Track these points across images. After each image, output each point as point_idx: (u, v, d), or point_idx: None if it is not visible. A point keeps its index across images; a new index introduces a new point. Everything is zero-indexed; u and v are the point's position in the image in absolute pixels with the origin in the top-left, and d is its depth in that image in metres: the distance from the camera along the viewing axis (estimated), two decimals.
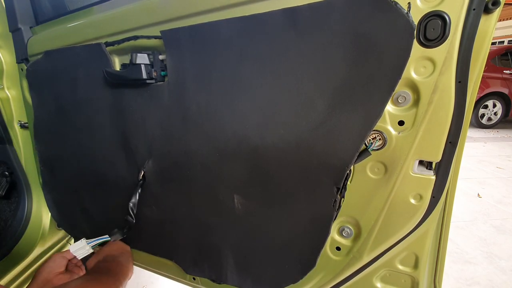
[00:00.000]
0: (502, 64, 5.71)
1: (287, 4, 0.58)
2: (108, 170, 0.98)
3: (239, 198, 0.77)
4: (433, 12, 0.49)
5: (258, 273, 0.83)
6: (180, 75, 0.74)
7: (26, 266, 1.20)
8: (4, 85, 1.12)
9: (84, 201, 1.10)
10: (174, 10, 0.71)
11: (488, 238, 2.18)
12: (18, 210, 1.22)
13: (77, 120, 0.98)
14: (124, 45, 0.80)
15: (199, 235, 0.88)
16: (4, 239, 1.17)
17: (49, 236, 1.28)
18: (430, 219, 0.63)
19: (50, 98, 1.01)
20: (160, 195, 0.90)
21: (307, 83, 0.60)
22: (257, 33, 0.62)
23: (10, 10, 1.04)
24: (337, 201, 0.65)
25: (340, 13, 0.54)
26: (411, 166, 0.60)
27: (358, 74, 0.56)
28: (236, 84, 0.68)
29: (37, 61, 0.99)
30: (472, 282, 1.73)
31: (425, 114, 0.55)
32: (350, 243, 0.72)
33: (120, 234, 0.95)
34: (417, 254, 0.68)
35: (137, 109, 0.84)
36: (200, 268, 0.92)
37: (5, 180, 1.21)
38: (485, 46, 0.51)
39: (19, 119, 1.18)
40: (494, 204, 2.73)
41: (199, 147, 0.77)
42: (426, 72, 0.53)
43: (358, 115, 0.58)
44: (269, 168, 0.70)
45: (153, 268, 1.10)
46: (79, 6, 0.95)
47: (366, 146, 0.61)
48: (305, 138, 0.64)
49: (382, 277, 0.74)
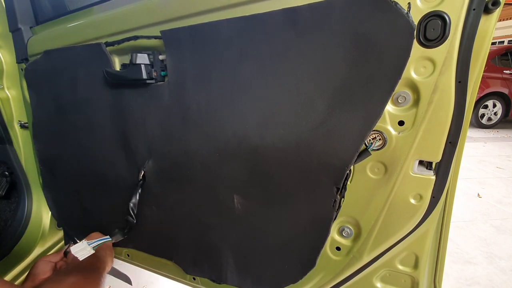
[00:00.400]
0: (502, 64, 5.71)
1: (287, 4, 0.58)
2: (108, 170, 0.98)
3: (239, 198, 0.77)
4: (433, 12, 0.49)
5: (258, 273, 0.83)
6: (180, 75, 0.74)
7: (26, 266, 1.20)
8: (4, 85, 1.12)
9: (84, 201, 1.10)
10: (174, 10, 0.71)
11: (488, 238, 2.18)
12: (18, 210, 1.22)
13: (76, 120, 0.98)
14: (124, 45, 0.80)
15: (199, 235, 0.88)
16: (4, 239, 1.17)
17: (49, 236, 1.28)
18: (430, 219, 0.63)
19: (49, 97, 1.01)
20: (160, 195, 0.90)
21: (307, 83, 0.60)
22: (257, 33, 0.62)
23: (10, 10, 1.04)
24: (337, 201, 0.65)
25: (340, 13, 0.54)
26: (411, 166, 0.60)
27: (358, 74, 0.56)
28: (236, 84, 0.68)
29: (36, 61, 0.99)
30: (472, 282, 1.73)
31: (425, 114, 0.55)
32: (350, 243, 0.72)
33: (121, 235, 0.95)
34: (417, 254, 0.68)
35: (137, 109, 0.84)
36: (200, 268, 0.92)
37: (5, 180, 1.21)
38: (485, 46, 0.51)
39: (19, 119, 1.18)
40: (494, 204, 2.73)
41: (199, 147, 0.77)
42: (426, 72, 0.53)
43: (358, 115, 0.58)
44: (269, 168, 0.70)
45: (153, 268, 1.10)
46: (79, 6, 0.95)
47: (366, 146, 0.61)
48: (305, 138, 0.64)
49: (382, 277, 0.74)
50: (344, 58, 0.56)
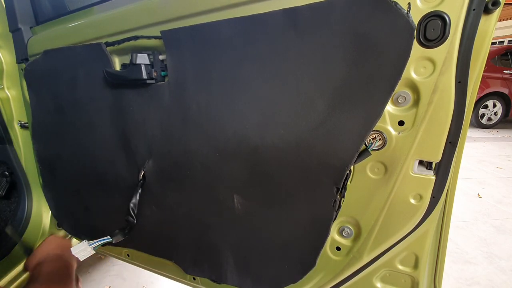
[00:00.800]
0: (502, 64, 5.70)
1: (287, 4, 0.58)
2: (108, 170, 0.98)
3: (239, 198, 0.77)
4: (433, 12, 0.49)
5: (258, 273, 0.83)
6: (180, 75, 0.74)
7: None
8: (4, 85, 1.12)
9: (84, 201, 1.10)
10: (174, 10, 0.71)
11: (488, 238, 2.18)
12: (18, 210, 1.22)
13: (76, 120, 0.98)
14: (124, 45, 0.80)
15: (199, 235, 0.88)
16: (4, 239, 1.17)
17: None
18: (430, 219, 0.63)
19: (49, 97, 1.01)
20: (160, 195, 0.90)
21: (307, 83, 0.60)
22: (257, 33, 0.62)
23: (10, 10, 1.04)
24: (337, 201, 0.65)
25: (340, 13, 0.54)
26: (411, 166, 0.60)
27: (358, 74, 0.56)
28: (236, 84, 0.68)
29: (36, 61, 0.99)
30: (472, 282, 1.73)
31: (425, 114, 0.55)
32: (350, 243, 0.72)
33: (121, 235, 0.95)
34: (417, 254, 0.68)
35: (137, 109, 0.84)
36: (200, 268, 0.92)
37: (5, 180, 1.21)
38: (485, 46, 0.51)
39: (19, 119, 1.18)
40: (494, 204, 2.73)
41: (199, 147, 0.77)
42: (426, 72, 0.53)
43: (358, 115, 0.58)
44: (269, 168, 0.70)
45: (153, 268, 1.10)
46: (79, 6, 0.95)
47: (366, 146, 0.61)
48: (305, 138, 0.64)
49: (382, 277, 0.74)
50: (344, 58, 0.56)
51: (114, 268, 1.86)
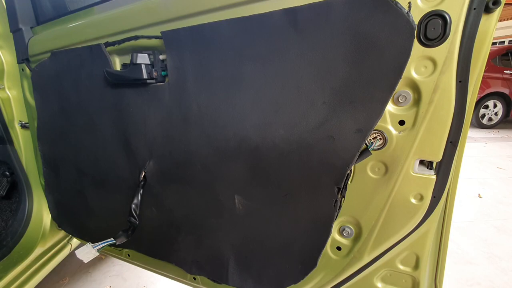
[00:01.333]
0: (503, 64, 5.69)
1: (287, 4, 0.58)
2: (109, 171, 0.98)
3: (240, 198, 0.77)
4: (434, 11, 0.49)
5: (259, 274, 0.82)
6: (180, 75, 0.74)
7: (26, 266, 1.20)
8: (5, 85, 1.12)
9: (86, 201, 1.10)
10: (174, 10, 0.71)
11: (489, 239, 2.17)
12: (19, 210, 1.22)
13: (79, 121, 0.98)
14: (125, 45, 0.80)
15: (200, 235, 0.88)
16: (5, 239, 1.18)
17: (49, 236, 1.28)
18: (431, 219, 0.63)
19: (54, 99, 1.01)
20: (160, 195, 0.90)
21: (308, 83, 0.60)
22: (257, 33, 0.62)
23: (11, 10, 1.04)
24: (338, 201, 0.65)
25: (341, 13, 0.54)
26: (412, 166, 0.60)
27: (358, 74, 0.56)
28: (236, 84, 0.68)
29: (44, 62, 0.99)
30: (473, 282, 1.73)
31: (426, 114, 0.55)
32: (350, 243, 0.72)
33: (124, 236, 0.95)
34: (418, 254, 0.67)
35: (137, 110, 0.84)
36: (201, 268, 0.92)
37: (6, 180, 1.21)
38: (485, 46, 0.51)
39: (20, 119, 1.18)
40: (495, 205, 2.72)
41: (200, 147, 0.77)
42: (426, 72, 0.53)
43: (358, 115, 0.58)
44: (269, 169, 0.70)
45: (153, 268, 1.10)
46: (80, 6, 0.95)
47: (367, 145, 0.61)
48: (306, 138, 0.64)
49: (382, 277, 0.74)
50: (344, 58, 0.56)
51: (114, 268, 1.86)
